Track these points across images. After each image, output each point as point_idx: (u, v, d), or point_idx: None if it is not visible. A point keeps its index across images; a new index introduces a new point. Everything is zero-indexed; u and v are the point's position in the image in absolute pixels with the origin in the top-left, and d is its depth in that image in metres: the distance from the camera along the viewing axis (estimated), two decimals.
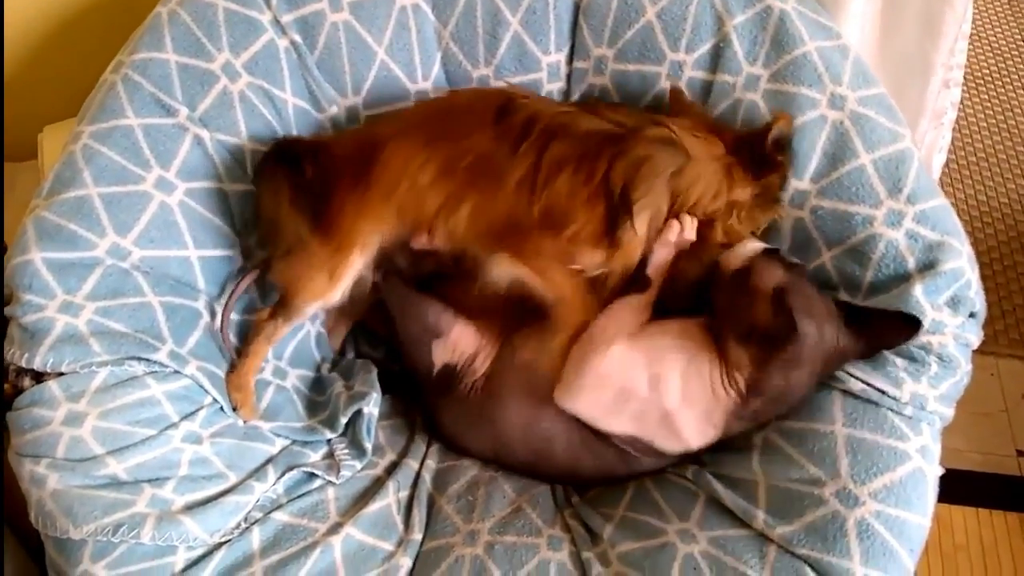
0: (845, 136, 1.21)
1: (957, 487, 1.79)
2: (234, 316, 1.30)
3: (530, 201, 1.19)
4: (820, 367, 1.11)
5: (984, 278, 2.09)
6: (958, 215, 2.18)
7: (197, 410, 1.16)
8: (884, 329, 1.13)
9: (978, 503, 1.78)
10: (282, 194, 1.25)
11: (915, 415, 1.10)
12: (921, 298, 1.12)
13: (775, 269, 1.13)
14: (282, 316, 1.28)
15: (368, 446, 1.25)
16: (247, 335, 1.29)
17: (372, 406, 1.28)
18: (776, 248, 1.20)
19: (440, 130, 1.26)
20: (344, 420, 1.26)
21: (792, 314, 1.07)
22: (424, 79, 1.40)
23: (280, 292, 1.29)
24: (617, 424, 1.18)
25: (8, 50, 1.66)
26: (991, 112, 2.62)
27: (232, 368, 1.25)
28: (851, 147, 1.20)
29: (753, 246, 1.18)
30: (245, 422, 1.22)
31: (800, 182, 1.23)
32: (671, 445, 1.17)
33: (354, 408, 1.27)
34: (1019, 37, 2.88)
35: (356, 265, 1.26)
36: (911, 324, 1.12)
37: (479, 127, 1.24)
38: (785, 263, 1.15)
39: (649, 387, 1.15)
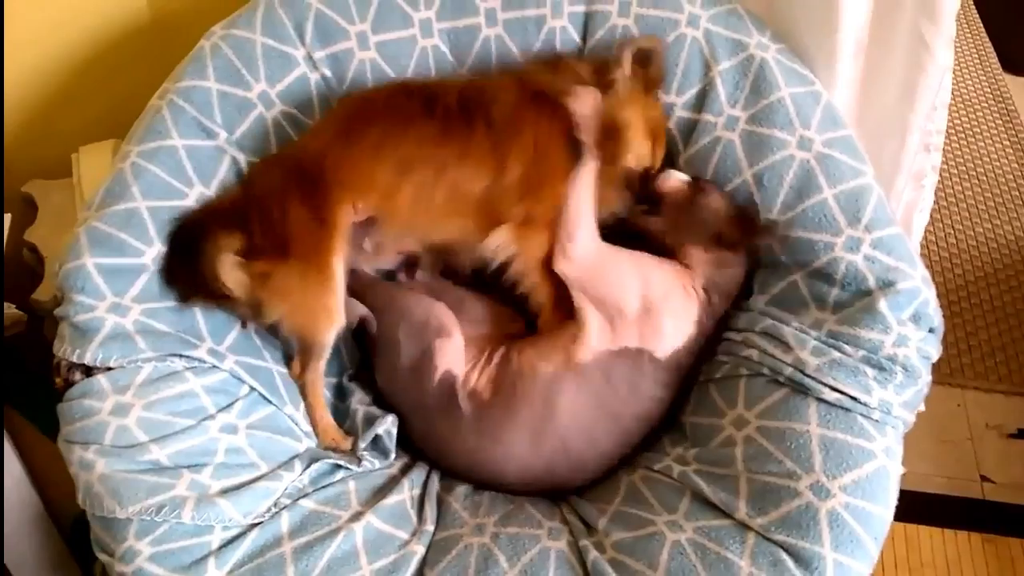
0: (810, 173, 1.34)
1: (925, 508, 1.88)
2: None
3: (504, 166, 1.31)
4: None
5: (953, 315, 2.27)
6: (930, 255, 2.36)
7: (232, 402, 1.24)
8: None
9: (944, 523, 1.87)
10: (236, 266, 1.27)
11: (882, 419, 1.20)
12: (887, 312, 1.24)
13: (717, 195, 1.39)
14: (311, 359, 1.34)
15: (392, 455, 1.34)
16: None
17: (390, 424, 1.35)
18: (698, 177, 1.42)
19: (374, 129, 1.32)
20: (362, 445, 1.32)
21: (755, 222, 1.36)
22: None
23: (297, 341, 1.36)
24: (613, 301, 1.33)
25: (45, 75, 1.77)
26: (961, 160, 2.74)
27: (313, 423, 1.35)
28: (816, 183, 1.34)
29: (679, 176, 1.42)
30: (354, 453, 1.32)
31: (770, 213, 1.37)
32: (656, 344, 1.33)
33: (372, 433, 1.33)
34: (987, 89, 3.00)
35: (341, 275, 1.30)
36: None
37: (417, 122, 1.32)
38: (702, 186, 1.40)
39: (637, 275, 1.33)
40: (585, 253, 1.34)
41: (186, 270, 1.27)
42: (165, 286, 1.28)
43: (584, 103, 1.34)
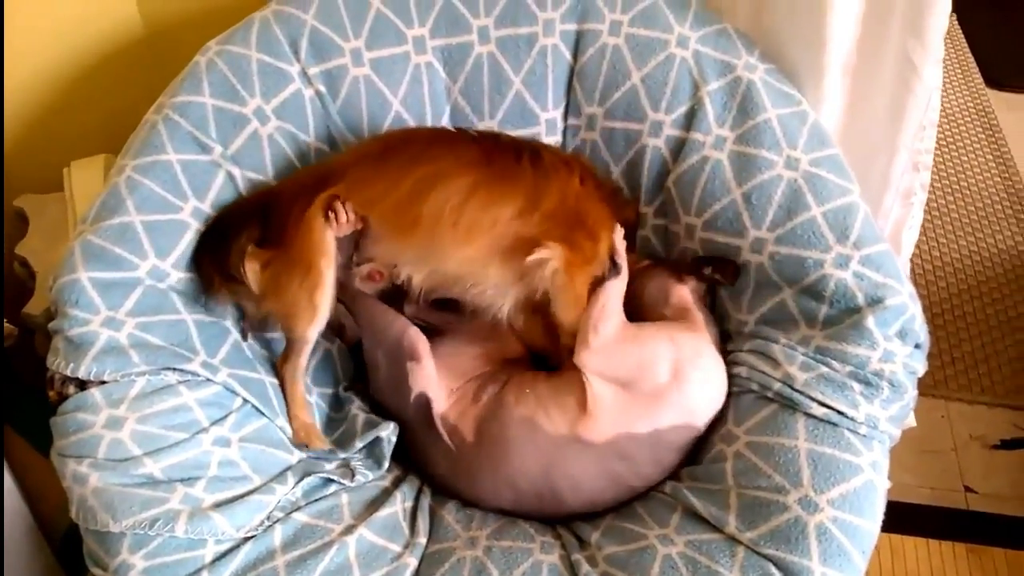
0: (799, 192, 1.36)
1: (909, 519, 1.90)
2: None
3: (543, 197, 1.33)
4: None
5: (936, 327, 2.29)
6: (914, 269, 2.39)
7: (226, 415, 1.24)
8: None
9: (928, 534, 1.89)
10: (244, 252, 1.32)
11: (868, 433, 1.23)
12: (874, 329, 1.26)
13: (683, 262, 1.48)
14: (292, 353, 1.36)
15: (386, 463, 1.34)
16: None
17: (391, 432, 1.36)
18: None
19: (409, 151, 1.36)
20: (360, 444, 1.33)
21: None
22: None
23: (283, 333, 1.38)
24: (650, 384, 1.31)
25: (37, 90, 1.78)
26: (945, 174, 2.76)
27: (289, 419, 1.35)
28: (804, 201, 1.36)
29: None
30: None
31: (759, 231, 1.39)
32: (698, 415, 1.32)
33: (372, 435, 1.34)
34: (971, 104, 3.04)
35: (328, 277, 1.31)
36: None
37: (460, 145, 1.36)
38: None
39: (665, 340, 1.33)
40: (606, 342, 1.32)
41: (215, 254, 1.32)
42: (192, 267, 1.33)
43: (620, 237, 1.40)
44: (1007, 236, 2.57)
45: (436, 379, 1.38)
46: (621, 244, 1.40)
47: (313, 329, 1.33)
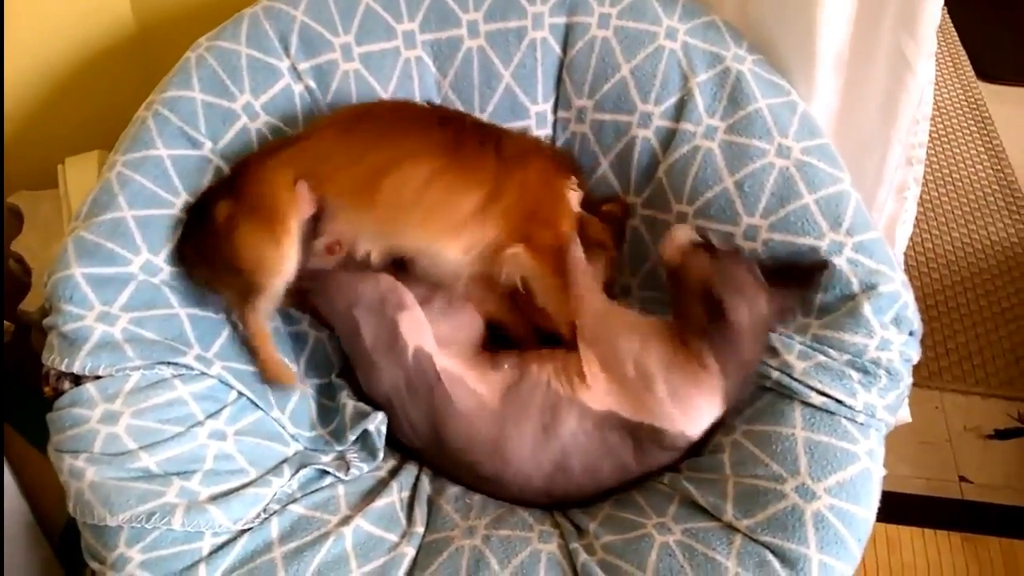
0: (791, 180, 1.37)
1: (905, 510, 1.91)
2: None
3: (504, 189, 1.36)
4: (764, 331, 1.27)
5: (930, 319, 2.30)
6: (907, 261, 2.40)
7: (221, 409, 1.25)
8: (799, 276, 1.31)
9: (924, 524, 1.89)
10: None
11: (866, 422, 1.23)
12: (870, 317, 1.27)
13: (701, 261, 1.26)
14: (254, 298, 1.31)
15: (380, 454, 1.33)
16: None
17: (379, 422, 1.34)
18: (703, 236, 1.33)
19: (374, 127, 1.38)
20: (352, 437, 1.33)
21: (723, 305, 1.21)
22: None
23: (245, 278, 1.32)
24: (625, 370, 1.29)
25: (30, 86, 1.78)
26: (937, 167, 2.78)
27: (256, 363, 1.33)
28: (796, 189, 1.36)
29: (683, 237, 1.31)
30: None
31: (752, 219, 1.39)
32: (678, 423, 1.27)
33: (360, 427, 1.33)
34: (962, 97, 3.06)
35: (294, 228, 1.31)
36: (818, 266, 1.31)
37: (426, 126, 1.39)
38: (712, 249, 1.28)
39: (636, 338, 1.31)
40: (591, 306, 1.36)
41: (197, 246, 1.32)
42: (178, 254, 1.33)
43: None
44: (999, 228, 2.58)
45: (426, 325, 1.37)
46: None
47: (279, 278, 1.31)
